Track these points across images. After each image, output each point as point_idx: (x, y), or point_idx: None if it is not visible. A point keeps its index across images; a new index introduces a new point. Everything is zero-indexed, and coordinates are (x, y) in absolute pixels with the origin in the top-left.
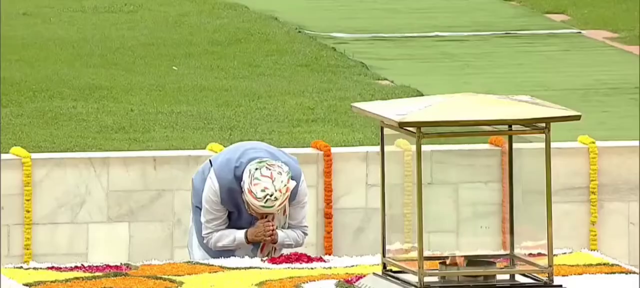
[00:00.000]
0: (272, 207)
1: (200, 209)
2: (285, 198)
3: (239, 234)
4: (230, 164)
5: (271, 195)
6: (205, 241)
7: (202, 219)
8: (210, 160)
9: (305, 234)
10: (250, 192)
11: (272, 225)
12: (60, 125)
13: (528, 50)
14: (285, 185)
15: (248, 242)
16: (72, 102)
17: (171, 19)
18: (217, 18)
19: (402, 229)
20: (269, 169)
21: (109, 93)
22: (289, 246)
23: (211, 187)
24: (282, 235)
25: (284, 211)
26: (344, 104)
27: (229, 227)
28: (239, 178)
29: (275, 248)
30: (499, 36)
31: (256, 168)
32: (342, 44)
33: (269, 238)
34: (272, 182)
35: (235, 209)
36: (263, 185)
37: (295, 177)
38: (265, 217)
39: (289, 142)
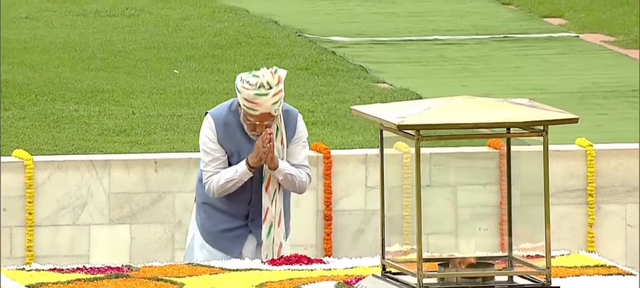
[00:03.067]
0: (266, 94)
1: (205, 204)
2: (279, 91)
3: (240, 165)
4: (225, 105)
5: (263, 78)
6: (206, 188)
7: (201, 166)
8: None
9: (309, 176)
10: (243, 85)
11: (271, 132)
12: (62, 128)
13: (526, 54)
14: (276, 74)
15: (250, 167)
16: (74, 105)
17: (172, 23)
18: (218, 22)
19: (401, 231)
20: (259, 70)
21: (110, 96)
22: (293, 182)
23: (207, 127)
24: (283, 163)
25: (282, 141)
26: (343, 107)
27: None
28: (234, 112)
29: (280, 187)
30: (497, 40)
31: (247, 74)
32: (341, 48)
33: (269, 145)
34: (263, 73)
35: (234, 148)
36: (254, 74)
37: (292, 114)
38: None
39: None
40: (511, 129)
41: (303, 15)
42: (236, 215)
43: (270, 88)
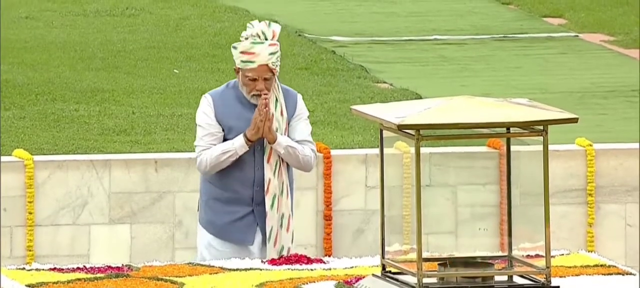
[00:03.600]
0: (262, 43)
1: (210, 199)
2: (275, 44)
3: (237, 138)
4: (222, 85)
5: (258, 27)
6: (198, 163)
7: (196, 142)
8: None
9: (314, 152)
10: (239, 42)
11: (267, 97)
12: (62, 128)
13: (526, 54)
14: (270, 27)
15: (248, 140)
16: (74, 104)
17: (172, 23)
18: (218, 21)
19: (401, 231)
20: (252, 21)
21: (110, 96)
22: (295, 156)
23: (205, 103)
24: (282, 137)
25: (281, 112)
26: (343, 107)
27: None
28: (233, 88)
29: (282, 160)
30: (497, 39)
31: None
32: (341, 47)
33: (265, 110)
34: (256, 23)
35: (233, 122)
36: (248, 25)
37: (292, 93)
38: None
39: None
40: (511, 128)
41: (303, 15)
42: (241, 200)
43: (266, 38)
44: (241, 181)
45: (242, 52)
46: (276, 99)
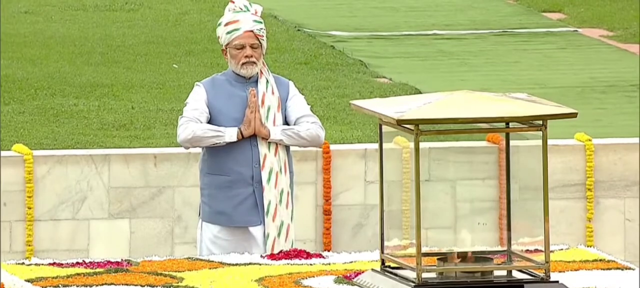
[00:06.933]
0: (246, 12)
1: (211, 190)
2: (258, 20)
3: (231, 128)
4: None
5: (240, 2)
6: (180, 130)
7: (182, 114)
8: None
9: (317, 124)
10: (223, 17)
11: (254, 95)
12: (61, 123)
13: (525, 49)
14: (253, 7)
15: (240, 134)
16: (73, 99)
17: (172, 17)
18: (217, 16)
19: (401, 225)
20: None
21: (110, 90)
22: (298, 134)
23: (196, 90)
24: (275, 128)
25: (273, 91)
26: (342, 102)
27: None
28: (223, 74)
29: (279, 151)
30: (496, 34)
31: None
32: (341, 42)
33: (254, 100)
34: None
35: (222, 102)
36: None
37: (284, 79)
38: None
39: None
40: (510, 123)
41: (302, 9)
42: (242, 180)
43: (248, 10)
44: (240, 161)
45: (226, 24)
46: (267, 81)
